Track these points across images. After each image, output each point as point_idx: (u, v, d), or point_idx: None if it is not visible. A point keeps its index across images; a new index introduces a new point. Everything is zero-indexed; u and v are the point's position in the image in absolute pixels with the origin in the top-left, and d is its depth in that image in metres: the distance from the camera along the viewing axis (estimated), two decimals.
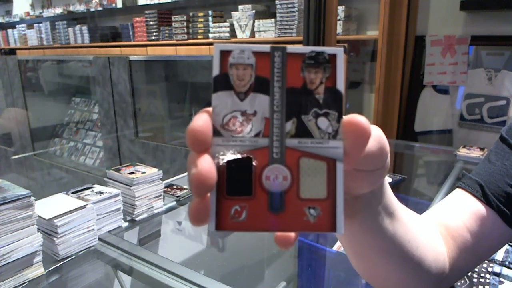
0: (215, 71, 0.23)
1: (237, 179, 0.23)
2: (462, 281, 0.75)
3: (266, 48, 0.23)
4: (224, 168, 0.23)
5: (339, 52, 0.23)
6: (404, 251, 0.37)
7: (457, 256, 0.46)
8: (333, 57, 0.23)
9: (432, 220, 0.48)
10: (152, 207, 1.01)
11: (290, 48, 0.23)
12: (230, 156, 0.23)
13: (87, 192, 0.89)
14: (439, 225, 0.48)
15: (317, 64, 0.23)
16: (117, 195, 0.90)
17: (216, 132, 0.23)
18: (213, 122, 0.23)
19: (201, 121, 0.22)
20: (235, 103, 0.23)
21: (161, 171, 1.00)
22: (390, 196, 0.34)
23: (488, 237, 0.47)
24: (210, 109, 0.23)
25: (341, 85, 0.23)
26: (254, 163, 0.23)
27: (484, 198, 0.48)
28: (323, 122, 0.23)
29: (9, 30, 5.69)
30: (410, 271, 0.40)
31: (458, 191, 0.51)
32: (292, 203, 0.23)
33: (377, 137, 0.26)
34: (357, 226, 0.33)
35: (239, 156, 0.23)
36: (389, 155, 0.28)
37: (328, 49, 0.23)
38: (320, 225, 0.23)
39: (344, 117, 0.23)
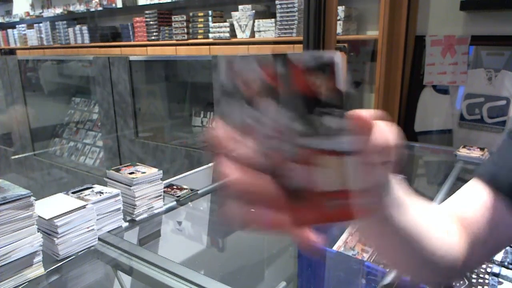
0: (223, 81, 0.24)
1: (256, 181, 0.24)
2: (462, 282, 0.75)
3: (268, 56, 0.24)
4: (243, 171, 0.24)
5: (336, 54, 0.25)
6: (414, 242, 0.38)
7: (471, 248, 0.46)
8: (331, 59, 0.24)
9: (446, 211, 0.49)
10: (152, 207, 1.01)
11: (291, 54, 0.24)
12: (246, 159, 0.24)
13: (87, 192, 0.89)
14: (453, 217, 0.48)
15: (317, 67, 0.24)
16: (117, 195, 0.90)
17: (230, 138, 0.25)
18: (226, 129, 0.25)
19: (217, 127, 0.24)
20: (245, 109, 0.24)
21: (161, 171, 1.00)
22: (398, 188, 0.35)
23: (502, 228, 0.47)
24: (221, 118, 0.25)
25: (341, 84, 0.24)
26: (270, 165, 0.24)
27: (498, 189, 0.48)
28: (328, 120, 0.24)
29: (9, 30, 5.69)
30: (421, 262, 0.41)
31: (472, 182, 0.51)
32: (312, 198, 0.25)
33: (384, 131, 0.28)
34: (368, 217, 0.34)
35: (254, 158, 0.24)
36: (395, 149, 0.30)
37: (326, 53, 0.24)
38: (339, 215, 0.25)
39: (348, 113, 0.25)
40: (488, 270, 0.77)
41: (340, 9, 2.42)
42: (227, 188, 0.23)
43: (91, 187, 0.92)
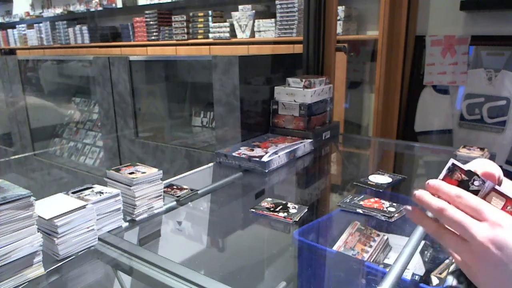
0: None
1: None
2: None
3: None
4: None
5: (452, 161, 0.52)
6: None
7: None
8: (451, 162, 0.51)
9: None
10: (152, 207, 1.01)
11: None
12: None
13: (87, 192, 0.89)
14: None
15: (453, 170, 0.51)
16: (117, 195, 0.90)
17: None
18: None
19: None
20: None
21: (161, 171, 1.00)
22: None
23: None
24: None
25: (468, 168, 0.51)
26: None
27: None
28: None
29: (9, 30, 5.69)
30: None
31: None
32: None
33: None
34: None
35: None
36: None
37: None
38: None
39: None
40: None
41: (340, 9, 2.42)
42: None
43: (91, 187, 0.92)
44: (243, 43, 3.04)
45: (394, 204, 1.02)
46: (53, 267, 0.77)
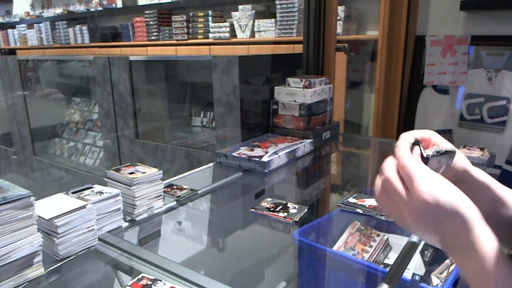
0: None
1: None
2: None
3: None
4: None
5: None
6: None
7: None
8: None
9: None
10: (152, 207, 1.01)
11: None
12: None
13: (87, 192, 0.89)
14: None
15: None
16: (117, 195, 0.90)
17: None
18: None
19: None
20: None
21: (161, 171, 1.00)
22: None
23: None
24: None
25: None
26: None
27: None
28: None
29: (9, 30, 5.69)
30: None
31: None
32: None
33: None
34: None
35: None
36: None
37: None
38: None
39: None
40: None
41: (340, 9, 2.42)
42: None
43: (91, 187, 0.92)
44: (243, 43, 3.04)
45: None
46: (53, 267, 0.77)
